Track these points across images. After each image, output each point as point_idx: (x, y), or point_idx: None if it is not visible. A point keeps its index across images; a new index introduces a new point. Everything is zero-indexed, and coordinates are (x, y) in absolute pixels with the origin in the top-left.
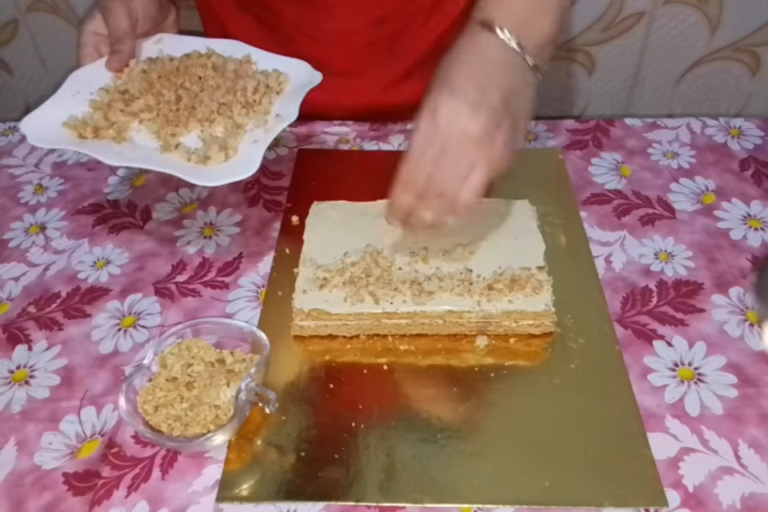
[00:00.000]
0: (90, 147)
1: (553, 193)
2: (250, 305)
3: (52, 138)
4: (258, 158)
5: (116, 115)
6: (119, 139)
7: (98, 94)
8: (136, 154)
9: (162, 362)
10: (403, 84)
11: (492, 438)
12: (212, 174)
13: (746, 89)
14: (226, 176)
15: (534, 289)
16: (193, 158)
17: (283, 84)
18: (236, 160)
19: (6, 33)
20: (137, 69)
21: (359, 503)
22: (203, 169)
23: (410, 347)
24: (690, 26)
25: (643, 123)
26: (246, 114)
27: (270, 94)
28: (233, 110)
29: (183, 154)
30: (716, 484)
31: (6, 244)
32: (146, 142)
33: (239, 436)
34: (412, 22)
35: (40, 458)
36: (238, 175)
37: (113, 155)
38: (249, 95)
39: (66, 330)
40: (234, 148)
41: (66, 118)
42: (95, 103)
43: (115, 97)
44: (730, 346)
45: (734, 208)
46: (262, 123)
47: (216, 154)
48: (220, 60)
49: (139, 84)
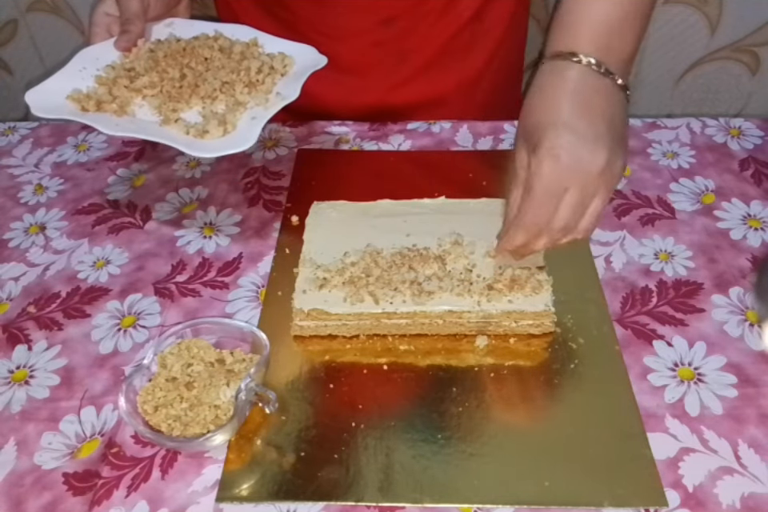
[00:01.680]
0: (90, 118)
1: None
2: (250, 305)
3: (54, 109)
4: (255, 133)
5: (120, 91)
6: (120, 113)
7: (104, 70)
8: (135, 125)
9: (162, 362)
10: (411, 85)
11: (492, 438)
12: (208, 146)
13: (746, 89)
14: (222, 148)
15: (534, 289)
16: (191, 131)
17: (288, 66)
18: (234, 134)
19: (5, 33)
20: (144, 48)
21: (359, 503)
22: (200, 142)
23: (409, 347)
24: (689, 26)
25: (643, 123)
26: (248, 92)
27: (273, 74)
28: (235, 89)
29: (182, 128)
30: (716, 484)
31: (6, 244)
32: (147, 117)
33: (239, 436)
34: (421, 24)
35: (40, 457)
36: (234, 148)
37: (112, 125)
38: (252, 75)
39: (65, 330)
40: (233, 123)
41: (70, 92)
42: (100, 79)
43: (121, 74)
44: (730, 346)
45: (733, 208)
46: (262, 101)
47: (214, 128)
48: (227, 42)
49: (145, 62)
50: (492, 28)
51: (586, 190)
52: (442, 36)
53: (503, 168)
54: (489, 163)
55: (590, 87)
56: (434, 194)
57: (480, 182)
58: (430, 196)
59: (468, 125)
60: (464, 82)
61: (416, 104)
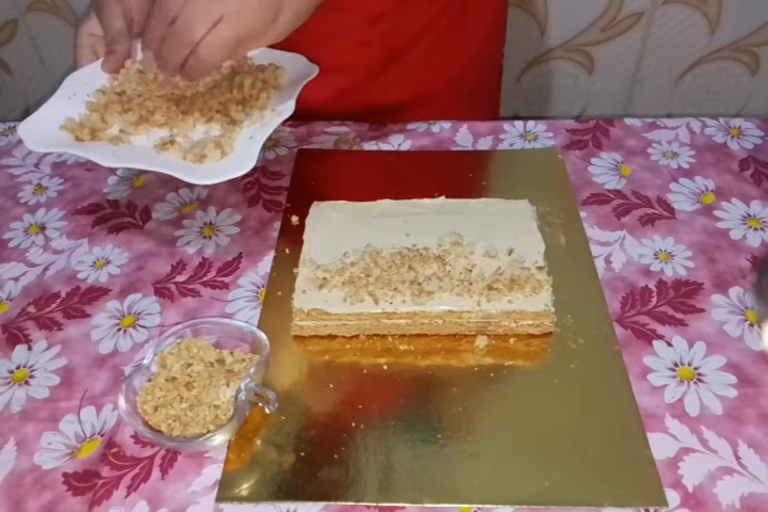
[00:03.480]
0: (85, 149)
1: (552, 193)
2: (250, 305)
3: (49, 142)
4: (254, 155)
5: (113, 116)
6: (116, 140)
7: (94, 95)
8: (132, 154)
9: (162, 362)
10: (399, 83)
11: (492, 438)
12: (208, 171)
13: (746, 89)
14: (223, 173)
15: (534, 289)
16: (188, 156)
17: (279, 77)
18: (232, 157)
19: (5, 33)
20: (132, 69)
21: (359, 503)
22: (199, 167)
23: (409, 347)
24: (689, 26)
25: (643, 123)
26: (243, 110)
27: (267, 88)
28: (229, 108)
29: (179, 153)
30: (716, 484)
31: (6, 244)
32: (143, 142)
33: (239, 436)
34: (408, 22)
35: (40, 457)
36: (235, 172)
37: (109, 156)
38: (246, 91)
39: (65, 330)
40: (230, 145)
41: (63, 121)
42: (92, 105)
43: (112, 98)
44: (730, 346)
45: (733, 208)
46: (258, 119)
47: (212, 151)
48: None
49: (136, 85)
50: (477, 24)
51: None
52: (429, 33)
53: (503, 168)
54: (489, 163)
55: None
56: (434, 194)
57: (480, 182)
58: (430, 196)
59: (468, 125)
60: (452, 78)
61: (404, 102)
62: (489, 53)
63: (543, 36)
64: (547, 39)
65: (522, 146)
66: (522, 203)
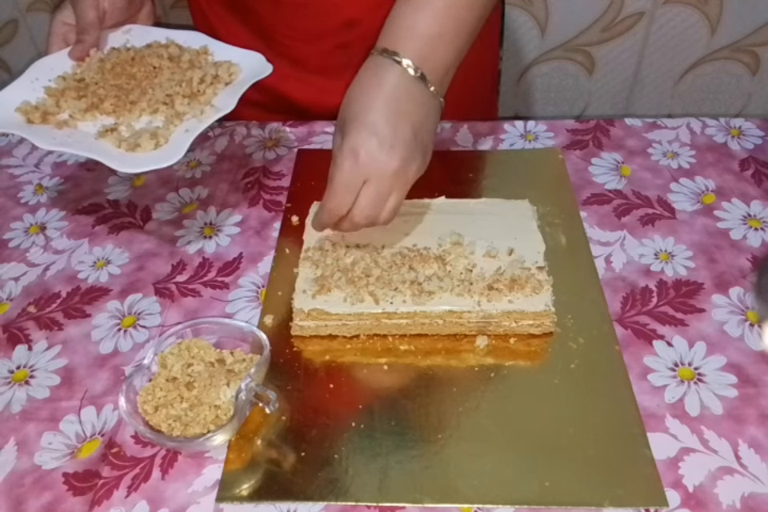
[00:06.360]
0: (29, 131)
1: (553, 193)
2: (250, 305)
3: (3, 122)
4: (184, 147)
5: (68, 102)
6: (62, 125)
7: (55, 81)
8: (72, 139)
9: (162, 362)
10: None
11: (492, 438)
12: (137, 160)
13: (746, 89)
14: (149, 163)
15: (534, 289)
16: (123, 145)
17: (234, 75)
18: (165, 148)
19: (5, 33)
20: (95, 58)
21: (359, 503)
22: (130, 156)
23: (409, 347)
24: (689, 26)
25: (643, 123)
26: (188, 103)
27: (216, 84)
28: (175, 101)
29: (116, 141)
30: (716, 484)
31: (6, 244)
32: (88, 129)
33: (239, 436)
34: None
35: (40, 457)
36: (160, 163)
37: (49, 139)
38: (194, 85)
39: (65, 330)
40: (166, 137)
41: (19, 104)
42: (50, 90)
43: (71, 85)
44: (730, 346)
45: (733, 208)
46: (198, 113)
47: (146, 141)
48: (177, 50)
49: (94, 73)
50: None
51: (381, 186)
52: None
53: (504, 168)
54: (489, 163)
55: (405, 93)
56: (435, 194)
57: (480, 182)
58: (430, 196)
59: (468, 125)
60: None
61: None
62: (474, 56)
63: (544, 36)
64: (547, 39)
65: (523, 145)
66: (522, 203)
